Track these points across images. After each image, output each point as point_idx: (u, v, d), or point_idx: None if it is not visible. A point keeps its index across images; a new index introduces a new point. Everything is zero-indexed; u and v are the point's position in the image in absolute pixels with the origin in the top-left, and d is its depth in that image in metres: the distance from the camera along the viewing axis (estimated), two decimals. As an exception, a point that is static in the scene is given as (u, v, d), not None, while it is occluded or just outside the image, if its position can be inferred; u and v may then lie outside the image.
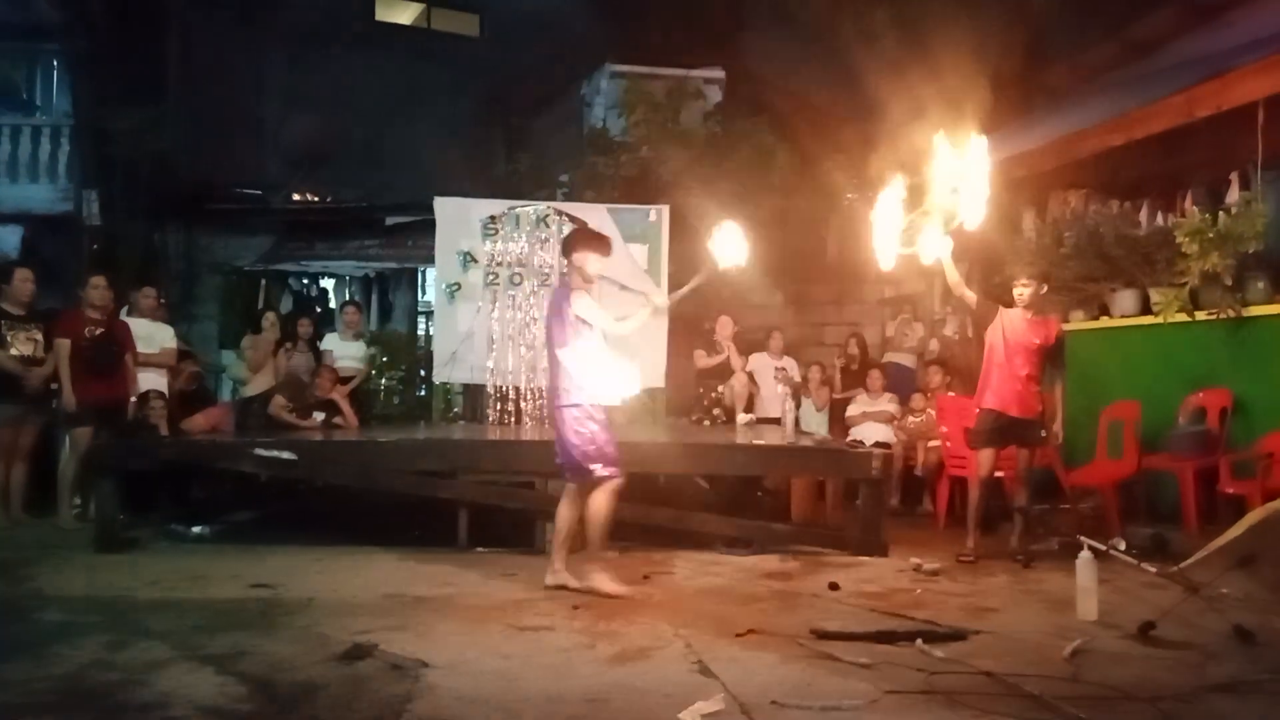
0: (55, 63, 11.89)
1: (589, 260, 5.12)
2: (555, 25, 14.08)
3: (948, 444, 7.72)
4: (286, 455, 6.42)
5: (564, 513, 5.22)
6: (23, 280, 7.25)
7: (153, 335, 7.88)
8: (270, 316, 9.46)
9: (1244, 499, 6.04)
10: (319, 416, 7.90)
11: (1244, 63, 6.84)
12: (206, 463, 6.86)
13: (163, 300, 8.47)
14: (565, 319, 5.06)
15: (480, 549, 6.32)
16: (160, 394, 7.53)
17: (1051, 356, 6.17)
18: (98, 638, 4.15)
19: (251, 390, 8.69)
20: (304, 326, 9.31)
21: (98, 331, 7.23)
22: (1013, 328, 6.15)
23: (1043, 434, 6.19)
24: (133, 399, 7.38)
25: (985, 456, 6.23)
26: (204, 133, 12.19)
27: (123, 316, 7.81)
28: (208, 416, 7.83)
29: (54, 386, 7.23)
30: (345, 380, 8.53)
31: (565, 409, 5.06)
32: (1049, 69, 9.92)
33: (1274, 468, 5.89)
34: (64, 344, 7.11)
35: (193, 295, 11.65)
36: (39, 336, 7.23)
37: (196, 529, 6.78)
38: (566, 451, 5.10)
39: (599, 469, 5.02)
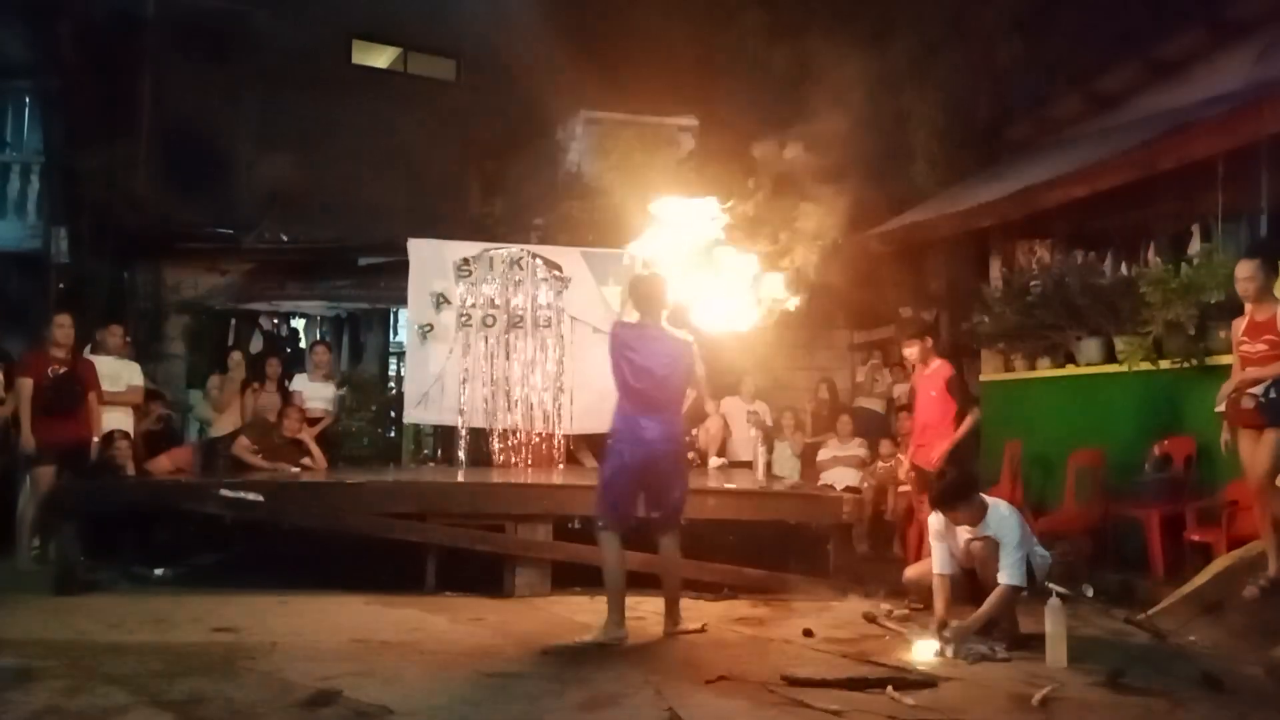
0: (27, 100, 11.84)
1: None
2: (531, 71, 14.20)
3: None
4: (252, 497, 6.33)
5: (620, 562, 5.17)
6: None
7: (119, 373, 7.80)
8: (236, 356, 9.35)
9: (1209, 546, 6.09)
10: (293, 470, 7.74)
11: (1205, 118, 7.02)
12: (170, 504, 6.75)
13: (129, 339, 8.38)
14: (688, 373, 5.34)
15: (448, 593, 6.24)
16: (125, 434, 7.43)
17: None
18: (54, 683, 4.06)
19: (218, 431, 8.59)
20: (273, 367, 9.25)
21: (60, 370, 7.14)
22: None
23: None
24: (96, 439, 7.27)
25: None
26: (176, 171, 12.09)
27: (88, 354, 7.72)
28: (172, 457, 7.74)
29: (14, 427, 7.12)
30: (313, 422, 8.46)
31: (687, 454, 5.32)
32: (1014, 122, 10.14)
33: (1238, 515, 5.94)
34: (26, 383, 7.02)
35: (160, 334, 11.50)
36: (-1, 376, 7.15)
37: (159, 571, 6.67)
38: (684, 496, 5.34)
39: None
